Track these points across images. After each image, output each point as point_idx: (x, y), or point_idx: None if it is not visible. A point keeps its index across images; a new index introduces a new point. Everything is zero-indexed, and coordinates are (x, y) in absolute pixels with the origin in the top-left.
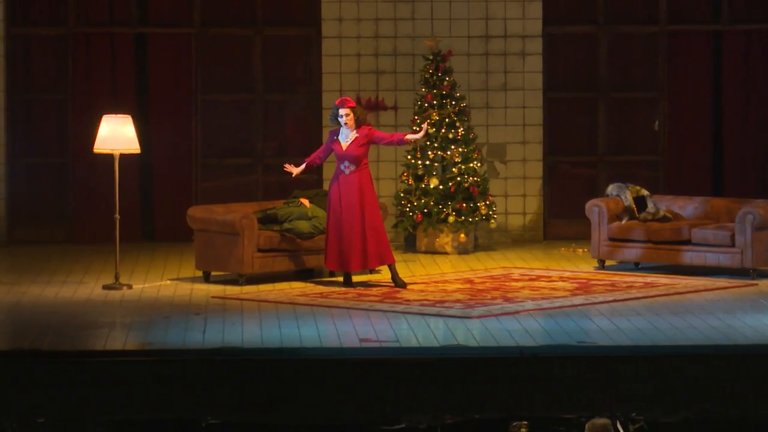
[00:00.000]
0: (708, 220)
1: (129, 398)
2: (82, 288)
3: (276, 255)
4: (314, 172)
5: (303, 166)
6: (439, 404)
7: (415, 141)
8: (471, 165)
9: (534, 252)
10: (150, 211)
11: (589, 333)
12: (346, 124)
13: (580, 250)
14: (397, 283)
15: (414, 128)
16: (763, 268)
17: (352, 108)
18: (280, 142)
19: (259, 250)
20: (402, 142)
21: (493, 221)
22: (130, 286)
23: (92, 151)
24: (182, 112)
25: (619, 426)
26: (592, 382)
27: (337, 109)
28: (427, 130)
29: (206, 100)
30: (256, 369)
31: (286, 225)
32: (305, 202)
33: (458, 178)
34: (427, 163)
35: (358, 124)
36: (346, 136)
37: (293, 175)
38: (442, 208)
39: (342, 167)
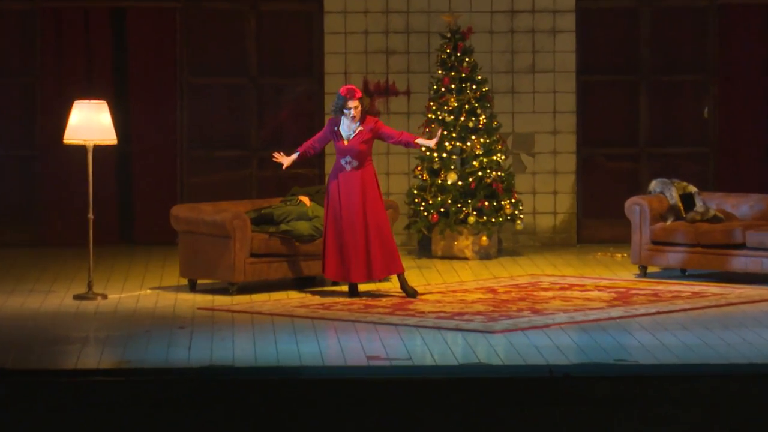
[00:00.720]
0: (765, 220)
1: (104, 424)
2: (50, 298)
3: (272, 260)
4: (315, 166)
5: (295, 156)
6: (458, 430)
7: (426, 147)
8: (494, 158)
9: (566, 257)
10: (128, 211)
11: (629, 350)
12: (353, 117)
13: (619, 255)
14: (408, 292)
15: (429, 115)
16: None
17: (360, 99)
18: (276, 132)
19: (253, 255)
20: (410, 144)
21: (519, 222)
22: (105, 296)
23: (62, 142)
24: (166, 97)
25: None
26: (633, 405)
27: (345, 101)
28: (440, 137)
29: (193, 84)
30: (249, 391)
31: (284, 226)
32: (305, 200)
33: (479, 173)
34: (444, 155)
35: (364, 115)
36: (350, 128)
37: (284, 167)
38: (461, 207)
39: (343, 162)
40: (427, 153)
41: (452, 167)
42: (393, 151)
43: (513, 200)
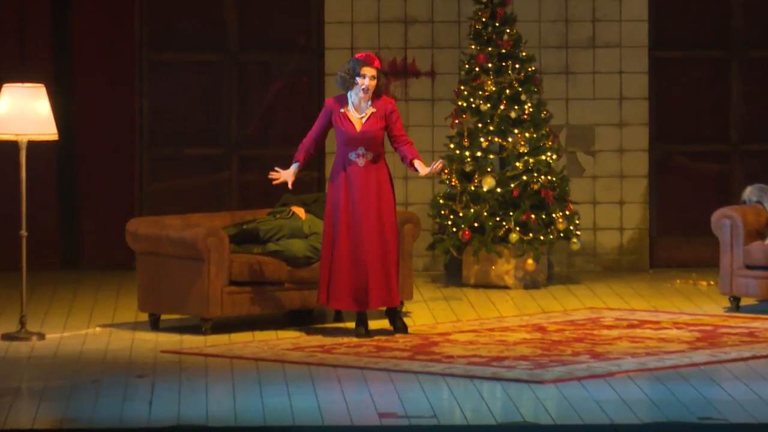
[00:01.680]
0: None
1: None
2: None
3: (257, 290)
4: (314, 168)
5: (297, 168)
6: None
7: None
8: (543, 158)
9: (636, 285)
10: (73, 225)
11: (716, 405)
12: (366, 89)
13: (704, 283)
14: (397, 326)
15: (459, 103)
16: None
17: (379, 71)
18: (263, 123)
19: (233, 283)
20: (405, 160)
21: (575, 240)
22: (42, 336)
23: None
24: (120, 79)
25: None
26: None
27: (360, 66)
28: (440, 170)
29: (156, 61)
30: None
31: (272, 246)
32: (300, 212)
33: (524, 178)
34: (479, 154)
35: (377, 93)
36: (360, 109)
37: (290, 184)
38: (501, 221)
39: (352, 156)
40: (457, 151)
41: (489, 170)
42: None
43: (567, 212)
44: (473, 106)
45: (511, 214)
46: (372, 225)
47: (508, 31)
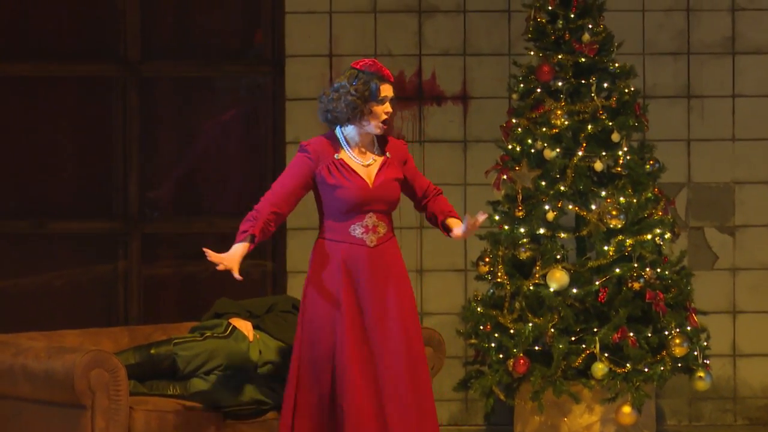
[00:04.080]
0: None
1: None
2: None
3: None
4: (266, 254)
5: (245, 247)
6: None
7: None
8: (648, 237)
9: None
10: None
11: None
12: (384, 124)
13: None
14: None
15: (509, 146)
16: None
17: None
18: (185, 180)
19: None
20: (435, 220)
21: (702, 374)
22: None
23: None
24: None
25: None
26: None
27: (380, 82)
28: (480, 222)
29: (3, 77)
30: None
31: (199, 383)
32: (245, 327)
33: (617, 271)
34: (542, 231)
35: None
36: (364, 154)
37: (235, 274)
38: (579, 342)
39: (357, 231)
40: (505, 226)
41: (558, 257)
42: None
43: (689, 329)
44: (532, 151)
45: (595, 330)
46: (395, 336)
47: (591, 26)
